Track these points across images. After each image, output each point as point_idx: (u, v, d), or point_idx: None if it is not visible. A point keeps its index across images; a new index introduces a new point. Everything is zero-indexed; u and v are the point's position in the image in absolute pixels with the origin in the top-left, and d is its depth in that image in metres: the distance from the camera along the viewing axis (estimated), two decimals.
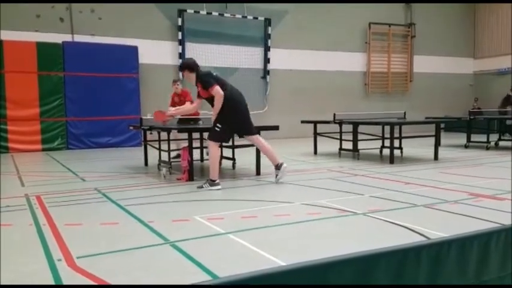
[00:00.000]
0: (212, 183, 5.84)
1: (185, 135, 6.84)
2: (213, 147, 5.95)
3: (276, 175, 6.22)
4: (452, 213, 4.40)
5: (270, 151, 6.23)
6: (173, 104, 8.98)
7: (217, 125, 5.95)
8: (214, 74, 6.09)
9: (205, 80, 5.91)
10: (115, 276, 2.79)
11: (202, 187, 5.85)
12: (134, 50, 12.63)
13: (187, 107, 7.14)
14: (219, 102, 5.84)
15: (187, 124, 7.93)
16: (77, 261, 3.05)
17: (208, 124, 7.42)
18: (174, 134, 7.95)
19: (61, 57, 11.75)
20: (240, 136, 6.34)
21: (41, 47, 11.51)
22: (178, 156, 8.21)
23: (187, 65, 6.10)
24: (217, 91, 5.81)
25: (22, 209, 4.72)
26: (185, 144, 6.76)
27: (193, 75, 6.06)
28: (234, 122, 6.03)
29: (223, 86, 5.95)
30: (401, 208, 4.60)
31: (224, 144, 8.01)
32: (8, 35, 11.22)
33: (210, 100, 6.05)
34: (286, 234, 3.79)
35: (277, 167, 6.20)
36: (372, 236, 3.73)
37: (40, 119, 11.59)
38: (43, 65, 11.52)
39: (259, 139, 6.30)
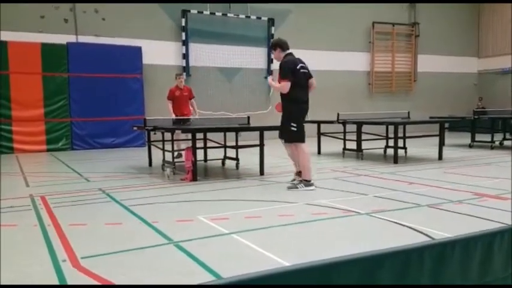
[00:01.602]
0: (307, 183, 5.70)
1: (186, 136, 6.85)
2: (300, 148, 5.71)
3: (294, 180, 5.99)
4: (457, 213, 4.38)
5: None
6: (173, 98, 8.93)
7: (292, 124, 5.68)
8: (299, 66, 5.68)
9: (283, 67, 5.65)
10: (119, 276, 2.80)
11: (296, 187, 5.69)
12: (138, 50, 12.66)
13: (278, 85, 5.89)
14: (282, 91, 5.61)
15: (180, 123, 7.93)
16: (82, 261, 3.07)
17: (198, 124, 7.44)
18: (175, 135, 7.98)
19: (65, 58, 11.79)
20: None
21: (46, 48, 11.55)
22: (179, 155, 8.23)
23: (280, 44, 5.81)
24: (284, 86, 5.55)
25: (27, 210, 4.74)
26: (187, 144, 6.76)
27: (281, 55, 5.78)
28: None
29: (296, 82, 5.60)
30: (405, 208, 4.59)
31: (228, 144, 8.06)
32: (12, 36, 11.27)
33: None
34: (290, 234, 3.79)
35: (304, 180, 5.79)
36: (376, 236, 3.73)
37: (45, 119, 11.63)
38: (47, 65, 11.56)
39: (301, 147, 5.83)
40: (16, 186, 6.36)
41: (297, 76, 5.63)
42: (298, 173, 5.95)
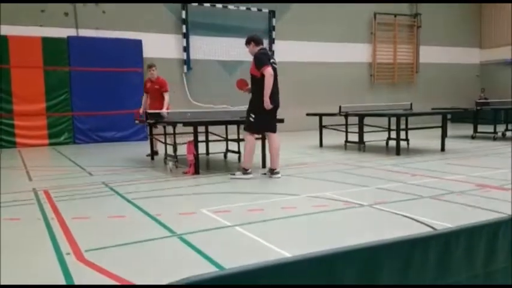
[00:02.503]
0: (245, 171, 6.08)
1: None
2: (248, 138, 6.09)
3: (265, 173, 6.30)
4: (460, 204, 4.38)
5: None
6: (146, 90, 8.62)
7: (251, 115, 6.02)
8: (272, 60, 6.02)
9: (260, 57, 5.92)
10: (123, 268, 2.82)
11: (234, 174, 6.16)
12: (139, 43, 12.63)
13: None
14: (268, 82, 5.81)
15: (154, 117, 7.53)
16: (86, 254, 3.08)
17: (199, 117, 7.40)
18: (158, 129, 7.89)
19: (66, 52, 11.78)
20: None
21: (46, 41, 11.54)
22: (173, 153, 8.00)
23: (254, 39, 6.11)
24: (267, 74, 5.79)
25: (30, 204, 4.76)
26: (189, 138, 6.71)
27: (256, 50, 6.05)
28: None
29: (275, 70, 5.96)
30: (408, 200, 4.60)
31: (229, 137, 8.06)
32: (13, 30, 11.25)
33: (256, 80, 5.97)
34: (293, 226, 3.80)
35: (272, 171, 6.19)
36: (379, 227, 3.73)
37: (46, 113, 11.65)
38: (48, 59, 11.55)
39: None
40: (19, 180, 6.38)
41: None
42: (271, 170, 6.21)
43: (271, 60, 6.00)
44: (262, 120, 5.98)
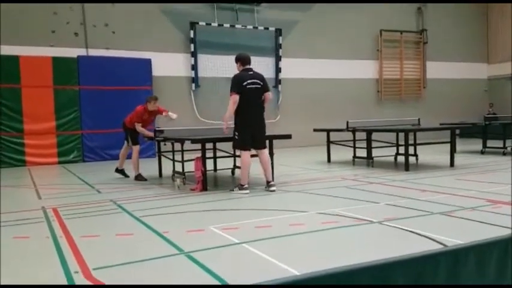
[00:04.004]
0: (241, 187, 6.26)
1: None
2: (242, 154, 6.34)
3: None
4: (470, 220, 4.33)
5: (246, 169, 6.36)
6: (142, 121, 8.09)
7: (235, 132, 6.30)
8: (246, 82, 6.16)
9: (232, 82, 6.24)
10: None
11: (232, 190, 6.36)
12: (148, 62, 12.79)
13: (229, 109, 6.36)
14: (231, 107, 6.18)
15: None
16: (94, 272, 3.07)
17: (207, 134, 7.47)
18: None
19: (76, 71, 11.95)
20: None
21: (57, 61, 11.72)
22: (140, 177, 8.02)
23: (240, 59, 6.44)
24: (232, 99, 6.13)
25: (39, 222, 4.77)
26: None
27: (239, 70, 6.38)
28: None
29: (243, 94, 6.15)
30: (418, 216, 4.55)
31: (237, 152, 8.06)
32: (24, 51, 11.46)
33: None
34: (302, 243, 3.77)
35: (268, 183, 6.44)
36: (389, 244, 3.69)
37: (56, 132, 11.76)
38: (59, 79, 11.72)
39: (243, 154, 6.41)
40: (28, 198, 6.42)
41: (243, 90, 6.11)
42: (267, 183, 6.42)
43: (247, 82, 6.15)
44: (243, 137, 6.23)
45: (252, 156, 6.46)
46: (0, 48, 11.15)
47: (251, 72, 6.32)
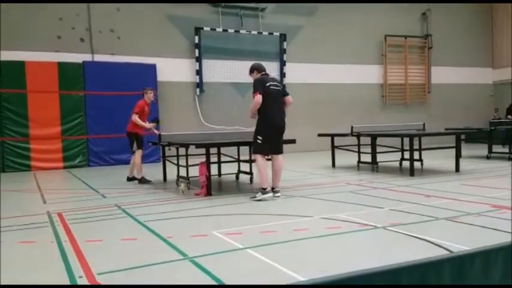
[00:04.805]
0: (264, 191, 6.09)
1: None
2: (257, 158, 6.22)
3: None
4: (476, 225, 4.30)
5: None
6: (142, 113, 8.46)
7: (258, 136, 6.23)
8: (269, 83, 6.22)
9: (254, 84, 6.25)
10: None
11: (255, 196, 6.12)
12: (153, 68, 12.85)
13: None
14: (254, 106, 6.15)
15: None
16: (98, 277, 3.08)
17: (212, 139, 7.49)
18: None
19: (81, 77, 12.02)
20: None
21: (62, 66, 11.80)
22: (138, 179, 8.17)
23: (256, 67, 6.51)
24: (256, 99, 6.08)
25: (44, 226, 4.79)
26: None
27: (258, 76, 6.40)
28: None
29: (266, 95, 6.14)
30: (423, 221, 4.52)
31: (242, 158, 8.07)
32: (29, 56, 11.55)
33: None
34: (306, 249, 3.76)
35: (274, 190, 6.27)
36: (393, 250, 3.67)
37: (61, 137, 11.82)
38: (64, 84, 11.79)
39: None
40: (33, 203, 6.44)
41: (266, 91, 6.12)
42: (272, 189, 6.22)
43: (269, 84, 6.21)
44: (265, 142, 6.17)
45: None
46: (0, 53, 11.17)
47: (270, 76, 6.55)
